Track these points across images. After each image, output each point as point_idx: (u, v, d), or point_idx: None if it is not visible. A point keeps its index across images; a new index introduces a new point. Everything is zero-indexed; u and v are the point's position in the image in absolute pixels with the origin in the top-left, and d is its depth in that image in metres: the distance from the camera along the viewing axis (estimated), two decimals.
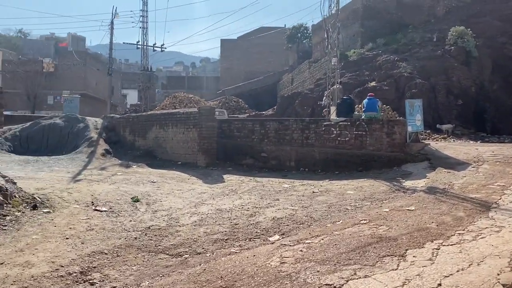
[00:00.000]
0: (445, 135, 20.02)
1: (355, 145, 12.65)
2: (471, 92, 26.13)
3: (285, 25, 66.86)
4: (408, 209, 7.23)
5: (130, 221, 7.23)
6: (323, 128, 13.02)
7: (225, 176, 11.93)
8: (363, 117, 13.01)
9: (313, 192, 9.59)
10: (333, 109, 14.33)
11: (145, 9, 25.30)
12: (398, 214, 6.96)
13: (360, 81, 28.03)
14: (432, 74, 26.07)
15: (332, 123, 12.95)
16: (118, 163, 14.34)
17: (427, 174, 10.63)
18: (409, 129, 12.60)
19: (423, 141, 13.26)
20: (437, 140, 19.25)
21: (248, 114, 28.84)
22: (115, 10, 28.55)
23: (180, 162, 14.26)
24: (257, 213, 7.68)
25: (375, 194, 9.07)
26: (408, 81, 25.56)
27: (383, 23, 33.68)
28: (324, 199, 8.72)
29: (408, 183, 9.98)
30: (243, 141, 14.03)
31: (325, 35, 16.52)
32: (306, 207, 8.05)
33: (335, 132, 12.88)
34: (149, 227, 6.82)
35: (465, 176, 9.76)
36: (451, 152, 12.31)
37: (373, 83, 27.03)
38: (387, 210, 7.31)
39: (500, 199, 7.53)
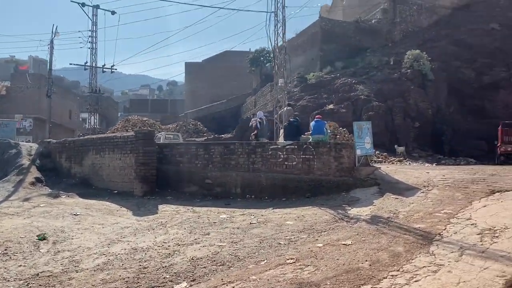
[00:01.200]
0: (401, 158, 19.74)
1: (303, 170, 11.93)
2: (428, 115, 26.28)
3: (249, 48, 67.07)
4: (343, 244, 6.44)
5: (20, 265, 6.09)
6: (270, 152, 12.26)
7: (160, 207, 10.87)
8: (310, 140, 12.36)
9: (250, 223, 8.70)
10: (281, 132, 13.69)
11: (93, 29, 24.28)
12: (331, 251, 6.15)
13: (318, 103, 27.79)
14: (389, 97, 26.12)
15: (279, 146, 12.21)
16: (46, 193, 13.02)
17: (374, 201, 9.97)
18: (358, 152, 12.03)
19: (373, 164, 12.71)
20: (393, 163, 18.93)
21: (206, 138, 27.94)
22: (56, 28, 27.35)
23: (116, 191, 13.10)
24: (176, 252, 6.70)
25: (316, 224, 8.27)
26: (365, 103, 25.47)
27: (342, 46, 33.93)
28: (259, 232, 7.84)
29: (353, 211, 9.25)
30: (186, 167, 13.05)
31: (272, 55, 15.87)
32: (235, 243, 7.13)
33: (282, 156, 12.13)
34: (38, 274, 5.71)
35: (412, 203, 9.15)
36: (402, 176, 11.77)
37: (331, 106, 26.82)
38: (321, 245, 6.50)
39: (444, 229, 6.88)
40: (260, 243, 7.03)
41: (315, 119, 12.72)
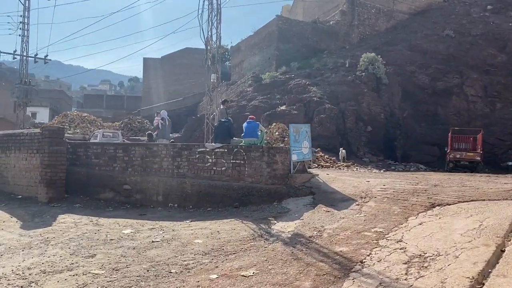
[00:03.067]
0: (349, 163, 18.91)
1: (233, 176, 10.67)
2: (381, 119, 25.75)
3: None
4: (243, 275, 5.20)
5: None
6: (197, 156, 10.91)
7: (60, 217, 9.28)
8: (242, 143, 11.12)
9: (152, 241, 7.31)
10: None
11: (26, 14, 22.02)
12: (223, 286, 4.89)
13: (271, 104, 26.70)
14: (342, 100, 25.37)
15: (207, 149, 10.88)
16: None
17: (304, 214, 8.83)
18: (294, 158, 10.88)
19: (311, 171, 11.62)
20: (340, 168, 18.04)
21: None
22: None
23: (20, 196, 11.35)
24: (33, 284, 5.24)
25: (229, 243, 7.01)
26: (317, 105, 24.59)
27: (299, 47, 33.06)
28: (155, 255, 6.47)
29: (277, 226, 8.06)
30: (103, 170, 11.49)
31: (206, 47, 14.49)
32: (117, 270, 5.74)
33: (210, 160, 10.81)
34: None
35: (343, 218, 8.06)
36: (339, 185, 10.73)
37: (283, 107, 25.78)
38: (215, 276, 5.22)
39: (369, 255, 5.78)
40: (148, 271, 5.67)
41: (247, 120, 11.47)
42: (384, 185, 10.50)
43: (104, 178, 11.35)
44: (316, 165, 18.46)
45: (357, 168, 18.00)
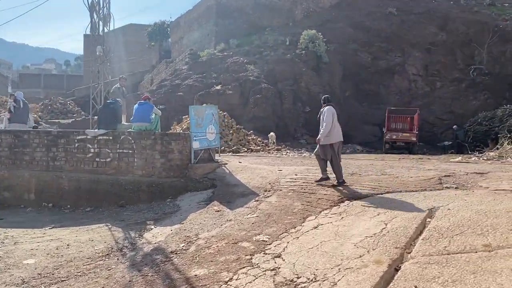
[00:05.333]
0: (280, 146, 17.64)
1: (119, 169, 8.97)
2: (320, 99, 24.61)
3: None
4: None
5: None
6: (77, 145, 9.10)
7: None
8: (131, 129, 9.39)
9: None
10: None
11: None
12: None
13: (206, 84, 24.89)
14: (280, 79, 23.98)
15: (89, 137, 9.07)
16: None
17: (191, 214, 7.31)
18: (196, 145, 9.30)
19: (219, 159, 10.09)
20: (269, 152, 16.73)
21: (73, 120, 23.77)
22: None
23: None
24: None
25: (71, 262, 5.37)
26: (254, 85, 23.07)
27: (240, 23, 31.21)
28: None
29: (149, 234, 6.49)
30: None
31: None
32: None
33: (92, 150, 9.03)
34: None
35: (230, 220, 6.60)
36: (247, 175, 9.28)
37: (218, 87, 24.08)
38: None
39: (228, 281, 4.34)
40: None
41: (139, 101, 9.68)
42: (295, 175, 9.15)
43: None
44: (246, 149, 17.11)
45: (286, 152, 16.73)
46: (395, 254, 4.61)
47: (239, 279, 4.39)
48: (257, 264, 4.78)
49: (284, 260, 4.81)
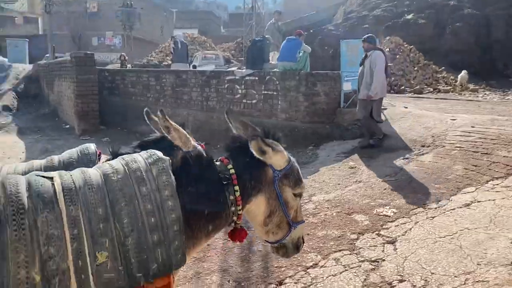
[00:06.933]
0: (475, 87, 14.36)
1: (264, 111, 8.50)
2: None
3: None
4: None
5: None
6: (226, 85, 8.97)
7: None
8: (276, 69, 8.65)
9: None
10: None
11: None
12: None
13: (395, 13, 21.94)
14: (489, 2, 19.21)
15: (237, 77, 8.77)
16: None
17: (322, 168, 6.38)
18: (347, 87, 8.05)
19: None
20: (460, 93, 13.87)
21: None
22: None
23: (68, 126, 11.28)
24: None
25: None
26: (453, 11, 19.16)
27: None
28: None
29: None
30: (138, 101, 10.52)
31: None
32: None
33: (240, 91, 8.77)
34: None
35: (358, 182, 5.41)
36: (407, 124, 7.58)
37: (409, 16, 20.93)
38: None
39: (312, 266, 3.41)
40: None
41: (287, 37, 8.72)
42: (472, 127, 6.99)
43: (139, 109, 10.40)
44: (432, 89, 14.67)
45: (484, 94, 13.49)
46: None
47: (325, 267, 3.41)
48: (359, 249, 3.66)
49: (396, 249, 3.55)
